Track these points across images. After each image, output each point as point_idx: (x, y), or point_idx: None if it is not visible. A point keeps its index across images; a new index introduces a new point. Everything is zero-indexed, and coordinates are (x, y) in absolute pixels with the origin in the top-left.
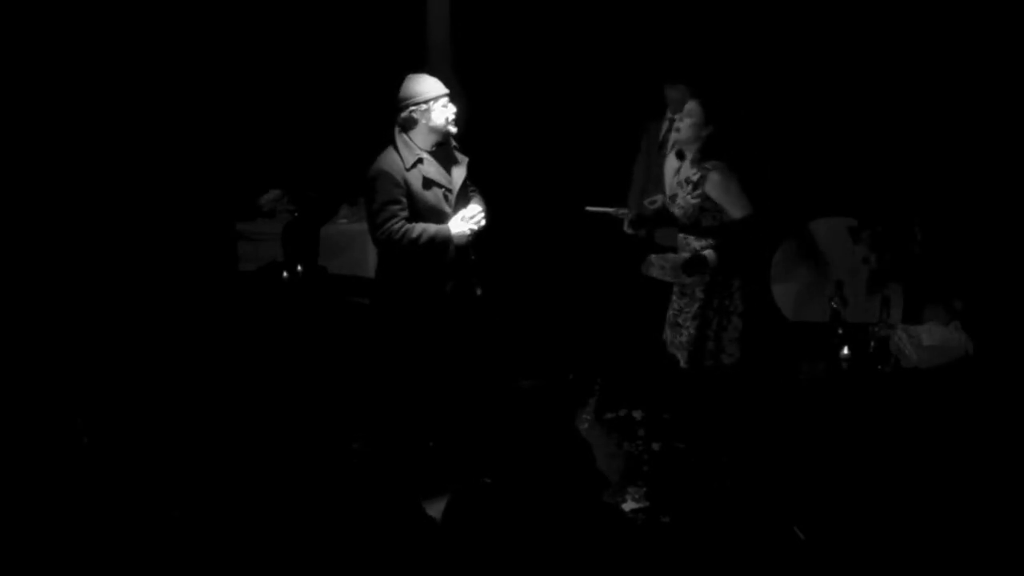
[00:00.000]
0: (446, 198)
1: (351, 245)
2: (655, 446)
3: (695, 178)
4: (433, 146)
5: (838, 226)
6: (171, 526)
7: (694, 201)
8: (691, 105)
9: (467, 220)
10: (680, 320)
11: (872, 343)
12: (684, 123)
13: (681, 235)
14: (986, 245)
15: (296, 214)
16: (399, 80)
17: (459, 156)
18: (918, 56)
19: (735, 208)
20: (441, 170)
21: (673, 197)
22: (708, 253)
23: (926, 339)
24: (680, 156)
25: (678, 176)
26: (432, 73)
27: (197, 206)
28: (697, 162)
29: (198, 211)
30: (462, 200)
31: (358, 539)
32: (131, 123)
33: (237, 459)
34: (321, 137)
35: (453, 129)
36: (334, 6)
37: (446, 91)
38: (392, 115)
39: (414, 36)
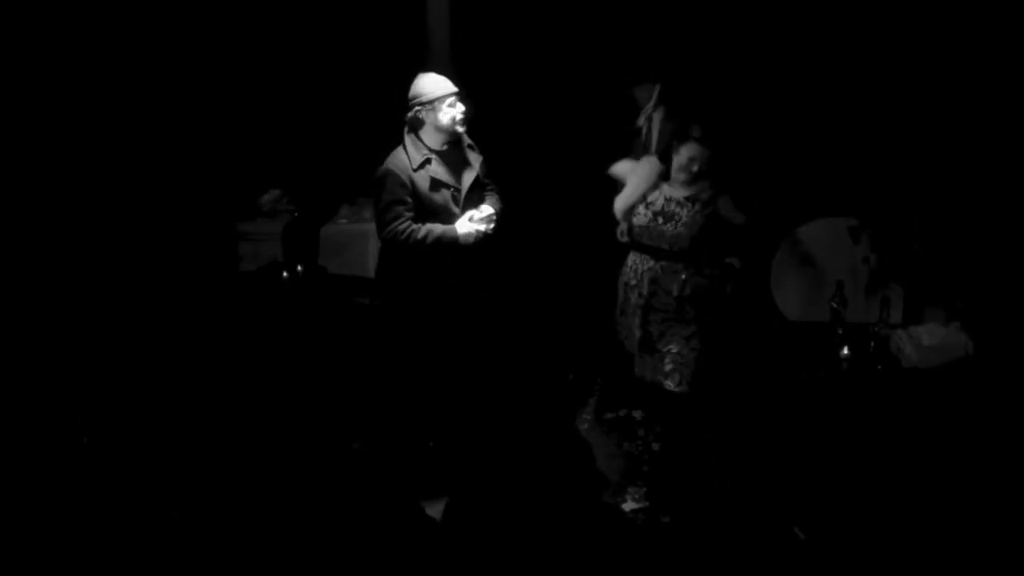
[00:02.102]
0: (454, 198)
1: (351, 245)
2: (655, 446)
3: (705, 196)
4: (443, 145)
5: (838, 226)
6: (171, 526)
7: (702, 220)
8: (694, 150)
9: (475, 221)
10: (668, 346)
11: (872, 343)
12: (693, 165)
13: (664, 263)
14: (986, 245)
15: (296, 214)
16: (399, 79)
17: (472, 155)
18: (917, 56)
19: (736, 216)
20: (450, 170)
21: (669, 216)
22: (734, 261)
23: (926, 339)
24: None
25: (661, 192)
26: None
27: (197, 206)
28: (690, 181)
29: (198, 211)
30: (475, 199)
31: (358, 539)
32: (131, 123)
33: (237, 459)
34: (321, 137)
35: (460, 129)
36: (334, 6)
37: (453, 90)
38: (401, 115)
39: (414, 36)
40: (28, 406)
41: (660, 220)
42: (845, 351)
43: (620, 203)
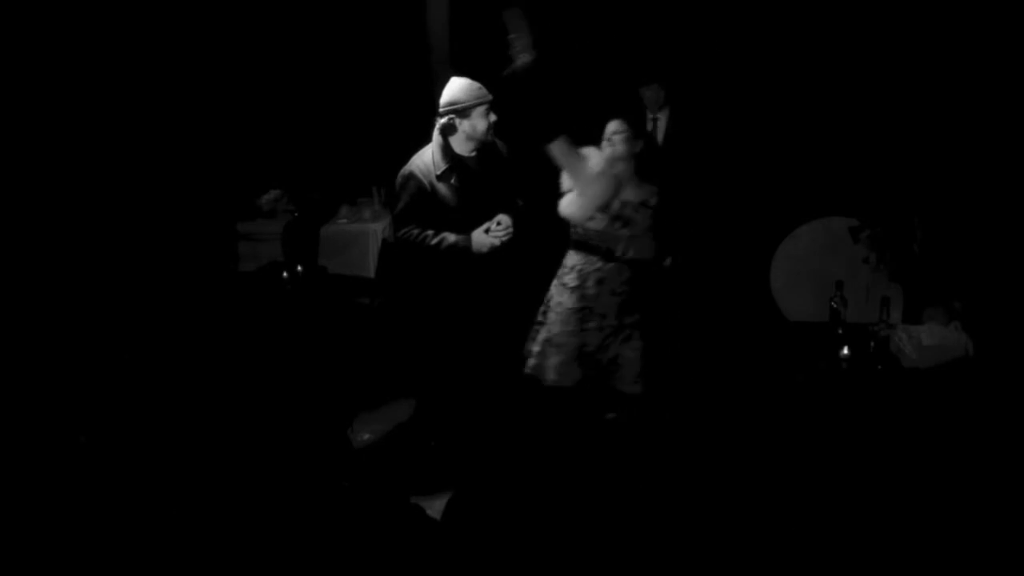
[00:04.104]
0: (474, 207)
1: (351, 245)
2: (655, 446)
3: (653, 202)
4: (471, 152)
5: (838, 226)
6: (169, 525)
7: (650, 222)
8: (615, 124)
9: (491, 233)
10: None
11: (872, 343)
12: (616, 139)
13: (611, 265)
14: (986, 245)
15: (296, 214)
16: (399, 80)
17: (499, 161)
18: (918, 55)
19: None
20: (474, 178)
21: (626, 220)
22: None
23: (926, 339)
24: None
25: (618, 196)
26: (434, 74)
27: (197, 206)
28: (638, 184)
29: (198, 211)
30: (498, 207)
31: (358, 539)
32: (131, 123)
33: (236, 459)
34: (321, 137)
35: (489, 138)
36: (334, 6)
37: (489, 98)
38: (433, 118)
39: (414, 36)
40: (26, 405)
41: (618, 224)
42: (845, 351)
43: (578, 212)
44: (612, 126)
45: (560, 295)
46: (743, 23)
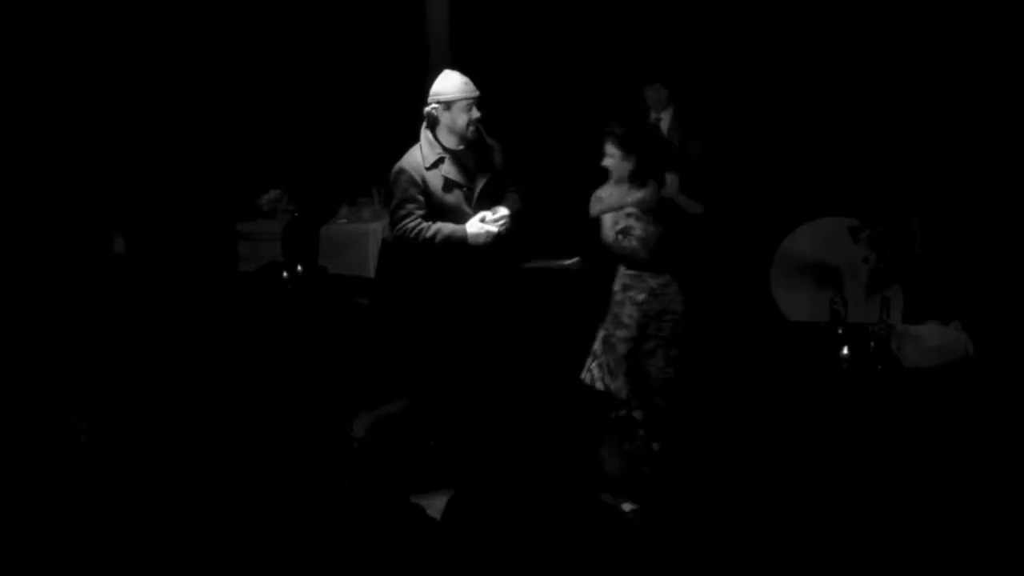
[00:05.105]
0: (467, 198)
1: (351, 245)
2: (655, 446)
3: (651, 203)
4: (458, 145)
5: (838, 226)
6: (169, 525)
7: (657, 229)
8: (607, 146)
9: (487, 222)
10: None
11: (872, 343)
12: (609, 163)
13: (632, 272)
14: (986, 245)
15: (296, 214)
16: (399, 80)
17: (492, 156)
18: (917, 55)
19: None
20: (464, 170)
21: (625, 231)
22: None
23: (926, 339)
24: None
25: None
26: (433, 73)
27: (197, 206)
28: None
29: (198, 211)
30: (492, 199)
31: (358, 539)
32: (132, 123)
33: (236, 459)
34: (321, 137)
35: (470, 136)
36: (334, 6)
37: (472, 95)
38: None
39: (414, 36)
40: (27, 405)
41: (621, 238)
42: (845, 351)
43: (606, 236)
44: (606, 147)
45: (612, 304)
46: (745, 23)
